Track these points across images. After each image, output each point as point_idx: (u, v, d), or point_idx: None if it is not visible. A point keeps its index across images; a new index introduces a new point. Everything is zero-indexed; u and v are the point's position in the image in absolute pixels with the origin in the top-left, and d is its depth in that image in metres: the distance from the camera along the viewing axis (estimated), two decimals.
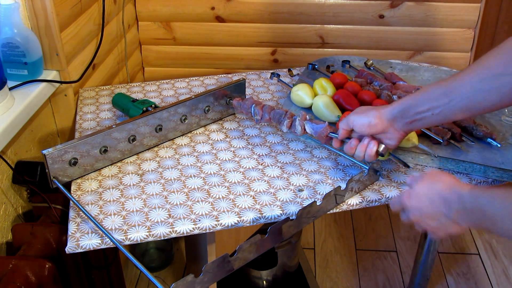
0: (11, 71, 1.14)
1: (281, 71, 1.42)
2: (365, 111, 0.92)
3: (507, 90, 0.76)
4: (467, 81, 0.80)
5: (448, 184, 0.76)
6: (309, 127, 1.02)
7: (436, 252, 1.57)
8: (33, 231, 1.03)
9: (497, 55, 0.77)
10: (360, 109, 0.94)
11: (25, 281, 0.92)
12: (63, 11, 1.21)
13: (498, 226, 0.67)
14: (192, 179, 0.99)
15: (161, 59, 1.93)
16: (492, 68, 0.77)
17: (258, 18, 1.82)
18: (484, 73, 0.78)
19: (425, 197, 0.79)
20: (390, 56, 1.84)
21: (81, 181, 0.98)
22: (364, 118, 0.91)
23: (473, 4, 1.75)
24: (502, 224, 0.66)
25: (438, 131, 1.06)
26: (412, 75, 1.34)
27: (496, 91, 0.77)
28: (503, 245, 1.95)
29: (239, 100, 1.16)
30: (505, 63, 0.75)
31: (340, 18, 1.80)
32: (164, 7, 1.81)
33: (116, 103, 1.19)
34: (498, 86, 0.76)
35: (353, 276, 1.82)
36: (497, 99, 0.78)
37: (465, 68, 0.82)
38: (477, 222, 0.72)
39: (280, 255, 1.57)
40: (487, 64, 0.78)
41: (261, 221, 0.90)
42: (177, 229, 0.86)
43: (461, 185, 0.75)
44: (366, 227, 2.06)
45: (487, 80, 0.77)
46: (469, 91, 0.80)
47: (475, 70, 0.80)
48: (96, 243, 0.84)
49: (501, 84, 0.76)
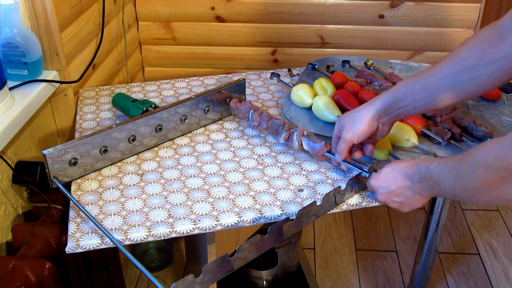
0: (11, 71, 1.14)
1: (281, 71, 1.42)
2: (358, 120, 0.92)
3: (484, 79, 0.80)
4: (445, 74, 0.84)
5: (409, 162, 0.84)
6: (306, 144, 1.02)
7: (436, 252, 1.57)
8: (33, 231, 1.03)
9: (473, 46, 0.81)
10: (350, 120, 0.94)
11: (25, 281, 0.92)
12: (63, 11, 1.21)
13: (442, 188, 0.75)
14: (192, 179, 0.99)
15: (161, 59, 1.93)
16: (469, 59, 0.81)
17: (258, 18, 1.82)
18: (461, 65, 0.82)
19: (390, 175, 0.86)
20: (390, 56, 1.84)
21: (81, 181, 0.98)
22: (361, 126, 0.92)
23: (473, 4, 1.75)
24: (444, 185, 0.74)
25: (438, 131, 1.06)
26: (412, 75, 1.34)
27: (474, 81, 0.81)
28: (503, 245, 1.95)
29: (237, 102, 1.16)
30: (480, 53, 0.79)
31: (340, 18, 1.80)
32: (164, 7, 1.81)
33: (116, 103, 1.19)
34: (475, 76, 0.81)
35: (353, 276, 1.82)
36: (475, 89, 0.83)
37: (441, 60, 0.85)
38: (431, 188, 0.79)
39: (280, 255, 1.57)
40: (463, 55, 0.82)
41: (261, 221, 0.90)
42: (177, 229, 0.86)
43: (420, 161, 0.83)
44: (366, 227, 2.06)
45: (464, 72, 0.82)
46: (448, 83, 0.84)
47: (452, 62, 0.84)
48: (96, 243, 0.84)
49: (478, 74, 0.80)
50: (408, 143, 1.02)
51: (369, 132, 0.93)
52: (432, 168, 0.77)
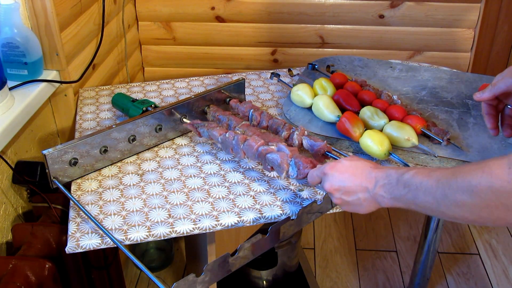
0: (11, 71, 1.14)
1: (281, 71, 1.42)
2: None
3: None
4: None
5: (374, 164, 0.81)
6: (307, 143, 1.01)
7: (436, 252, 1.57)
8: (33, 231, 1.03)
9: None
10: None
11: (25, 281, 0.92)
12: (63, 11, 1.21)
13: (417, 199, 0.71)
14: (192, 179, 0.99)
15: (161, 59, 1.93)
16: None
17: (258, 18, 1.82)
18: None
19: (349, 170, 0.81)
20: (390, 56, 1.85)
21: (81, 181, 0.98)
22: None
23: (473, 4, 1.75)
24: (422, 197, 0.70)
25: (438, 131, 1.06)
26: (412, 75, 1.34)
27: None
28: (503, 245, 1.95)
29: (237, 102, 1.16)
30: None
31: (340, 18, 1.80)
32: (164, 7, 1.81)
33: (116, 103, 1.19)
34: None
35: (353, 276, 1.82)
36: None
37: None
38: (399, 197, 0.74)
39: (280, 255, 1.57)
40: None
41: (261, 221, 0.90)
42: (177, 229, 0.86)
43: (389, 167, 0.79)
44: (366, 227, 2.06)
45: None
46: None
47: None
48: (96, 243, 0.84)
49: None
50: (408, 143, 1.02)
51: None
52: (409, 177, 0.72)
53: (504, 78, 0.87)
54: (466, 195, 0.63)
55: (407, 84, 1.30)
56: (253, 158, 0.97)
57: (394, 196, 0.75)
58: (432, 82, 1.30)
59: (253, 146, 0.96)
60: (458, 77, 1.32)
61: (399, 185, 0.74)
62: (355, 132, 1.04)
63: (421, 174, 0.71)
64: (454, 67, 1.80)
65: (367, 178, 0.79)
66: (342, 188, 0.81)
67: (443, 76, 1.33)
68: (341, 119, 1.06)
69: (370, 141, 1.00)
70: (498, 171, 0.60)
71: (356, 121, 1.05)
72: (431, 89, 1.27)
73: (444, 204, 0.67)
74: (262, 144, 0.96)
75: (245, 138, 0.99)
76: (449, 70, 1.37)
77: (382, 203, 0.78)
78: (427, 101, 1.21)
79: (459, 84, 1.29)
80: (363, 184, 0.79)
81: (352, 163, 0.82)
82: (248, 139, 0.97)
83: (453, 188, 0.65)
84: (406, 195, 0.73)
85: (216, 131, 1.03)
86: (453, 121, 1.13)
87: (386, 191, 0.76)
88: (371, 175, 0.79)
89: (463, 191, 0.63)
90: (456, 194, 0.65)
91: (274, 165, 0.93)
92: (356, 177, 0.80)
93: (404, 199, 0.73)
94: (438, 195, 0.67)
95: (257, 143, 0.96)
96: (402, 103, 1.18)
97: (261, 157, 0.95)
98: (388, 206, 0.78)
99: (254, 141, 0.96)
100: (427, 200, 0.69)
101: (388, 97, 1.19)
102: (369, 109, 1.10)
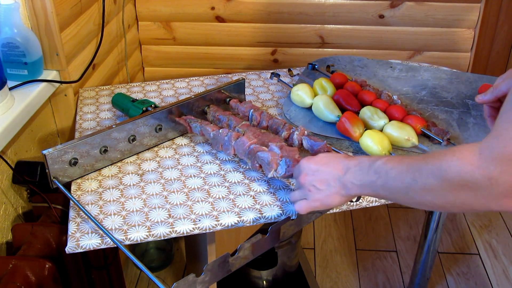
0: (11, 71, 1.14)
1: (281, 71, 1.42)
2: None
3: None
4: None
5: (351, 156, 0.82)
6: (307, 143, 1.01)
7: (436, 252, 1.57)
8: (33, 231, 1.03)
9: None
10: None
11: (25, 281, 0.92)
12: (63, 11, 1.21)
13: (386, 184, 0.71)
14: (192, 179, 0.99)
15: (161, 59, 1.93)
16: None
17: (258, 18, 1.82)
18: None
19: (324, 160, 0.83)
20: (390, 56, 1.85)
21: (81, 181, 0.98)
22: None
23: (473, 4, 1.75)
24: (391, 182, 0.71)
25: (438, 131, 1.06)
26: (412, 75, 1.34)
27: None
28: (503, 245, 1.95)
29: (237, 102, 1.16)
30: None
31: (340, 18, 1.80)
32: (164, 7, 1.81)
33: (116, 103, 1.19)
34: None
35: (353, 276, 1.82)
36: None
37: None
38: (367, 184, 0.75)
39: (280, 255, 1.57)
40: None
41: (261, 221, 0.90)
42: (177, 229, 0.86)
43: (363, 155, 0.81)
44: (366, 227, 2.06)
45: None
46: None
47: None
48: (96, 243, 0.84)
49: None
50: (408, 143, 1.02)
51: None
52: (381, 163, 0.73)
53: (506, 80, 0.87)
54: (435, 179, 0.64)
55: (407, 84, 1.30)
56: (243, 155, 0.97)
57: (363, 182, 0.76)
58: (432, 82, 1.30)
59: (245, 144, 0.96)
60: (458, 77, 1.32)
61: (370, 171, 0.75)
62: (355, 132, 1.04)
63: (393, 160, 0.73)
64: (454, 67, 1.80)
65: (339, 166, 0.80)
66: (314, 177, 0.82)
67: (443, 76, 1.33)
68: (341, 119, 1.06)
69: (370, 141, 1.00)
70: (469, 156, 0.61)
71: (356, 121, 1.05)
72: (431, 89, 1.27)
73: (413, 188, 0.68)
74: (254, 143, 0.96)
75: (238, 135, 0.99)
76: (449, 70, 1.37)
77: (351, 190, 0.78)
78: (427, 101, 1.21)
79: (459, 84, 1.29)
80: (334, 171, 0.80)
81: (328, 155, 0.84)
82: (241, 136, 0.98)
83: (423, 172, 0.66)
84: (376, 181, 0.73)
85: (210, 127, 1.03)
86: (453, 121, 1.13)
87: (356, 177, 0.77)
88: (343, 163, 0.80)
89: (433, 176, 0.64)
90: (425, 178, 0.66)
91: (263, 163, 0.93)
92: (329, 165, 0.81)
93: (373, 186, 0.74)
94: (408, 180, 0.68)
95: (249, 141, 0.96)
96: (402, 103, 1.18)
97: (251, 155, 0.95)
98: (357, 194, 0.79)
99: (247, 138, 0.96)
100: (396, 185, 0.70)
101: (388, 97, 1.19)
102: (369, 109, 1.10)
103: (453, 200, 0.64)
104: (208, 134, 1.04)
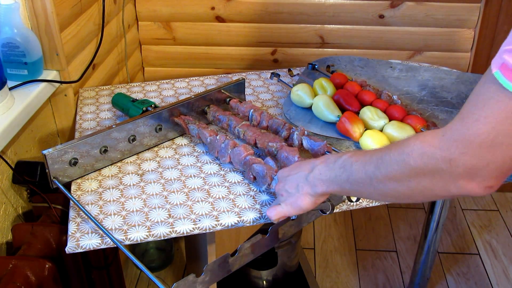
0: (11, 71, 1.14)
1: (281, 71, 1.42)
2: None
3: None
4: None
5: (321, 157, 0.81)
6: (307, 143, 1.01)
7: (436, 252, 1.57)
8: (33, 231, 1.03)
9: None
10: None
11: (25, 281, 0.92)
12: (63, 11, 1.21)
13: (350, 176, 0.71)
14: (192, 179, 0.99)
15: (161, 59, 1.93)
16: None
17: (258, 18, 1.82)
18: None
19: (297, 164, 0.84)
20: (390, 56, 1.85)
21: (81, 181, 0.98)
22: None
23: (473, 4, 1.75)
24: (355, 174, 0.71)
25: None
26: (412, 75, 1.34)
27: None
28: (503, 245, 1.95)
29: (237, 102, 1.16)
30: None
31: (340, 18, 1.80)
32: (164, 7, 1.81)
33: (116, 103, 1.19)
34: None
35: (353, 276, 1.82)
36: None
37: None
38: (333, 179, 0.75)
39: (280, 255, 1.57)
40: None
41: (261, 221, 0.90)
42: (177, 229, 0.86)
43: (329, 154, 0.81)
44: (366, 227, 2.06)
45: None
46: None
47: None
48: (96, 243, 0.84)
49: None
50: None
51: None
52: (347, 157, 0.73)
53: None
54: (397, 165, 0.64)
55: (407, 84, 1.30)
56: (238, 164, 0.98)
57: (329, 177, 0.76)
58: (432, 82, 1.30)
59: (241, 154, 0.96)
60: (458, 77, 1.32)
61: (335, 166, 0.75)
62: (355, 132, 1.04)
63: (358, 154, 0.72)
64: (454, 67, 1.80)
65: (307, 167, 0.80)
66: (286, 182, 0.82)
67: (443, 76, 1.33)
68: (341, 119, 1.06)
69: (370, 141, 1.00)
70: (432, 139, 0.60)
71: (356, 121, 1.05)
72: (431, 89, 1.27)
73: (376, 177, 0.67)
74: (250, 154, 0.96)
75: (235, 144, 0.99)
76: (449, 70, 1.37)
77: (317, 187, 0.77)
78: (427, 101, 1.21)
79: (459, 84, 1.29)
80: (302, 172, 0.80)
81: (302, 160, 0.85)
82: (238, 146, 0.98)
83: (385, 160, 0.66)
84: (341, 175, 0.73)
85: (207, 131, 1.03)
86: None
87: (321, 173, 0.77)
88: (311, 163, 0.80)
89: (396, 162, 0.64)
90: (388, 165, 0.66)
91: (258, 175, 0.93)
92: (299, 169, 0.82)
93: (339, 180, 0.74)
94: (371, 169, 0.68)
95: (246, 152, 0.96)
96: (402, 103, 1.18)
97: (247, 166, 0.95)
98: (323, 191, 0.77)
99: (244, 149, 0.96)
100: (360, 176, 0.70)
101: (388, 97, 1.19)
102: (369, 109, 1.10)
103: (415, 186, 0.64)
104: (205, 139, 1.04)
